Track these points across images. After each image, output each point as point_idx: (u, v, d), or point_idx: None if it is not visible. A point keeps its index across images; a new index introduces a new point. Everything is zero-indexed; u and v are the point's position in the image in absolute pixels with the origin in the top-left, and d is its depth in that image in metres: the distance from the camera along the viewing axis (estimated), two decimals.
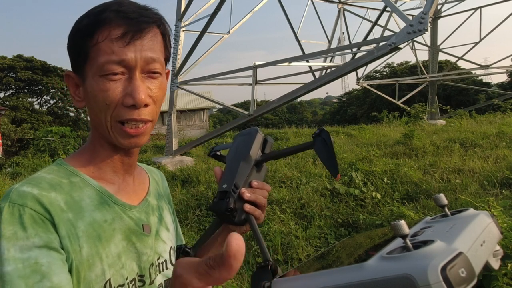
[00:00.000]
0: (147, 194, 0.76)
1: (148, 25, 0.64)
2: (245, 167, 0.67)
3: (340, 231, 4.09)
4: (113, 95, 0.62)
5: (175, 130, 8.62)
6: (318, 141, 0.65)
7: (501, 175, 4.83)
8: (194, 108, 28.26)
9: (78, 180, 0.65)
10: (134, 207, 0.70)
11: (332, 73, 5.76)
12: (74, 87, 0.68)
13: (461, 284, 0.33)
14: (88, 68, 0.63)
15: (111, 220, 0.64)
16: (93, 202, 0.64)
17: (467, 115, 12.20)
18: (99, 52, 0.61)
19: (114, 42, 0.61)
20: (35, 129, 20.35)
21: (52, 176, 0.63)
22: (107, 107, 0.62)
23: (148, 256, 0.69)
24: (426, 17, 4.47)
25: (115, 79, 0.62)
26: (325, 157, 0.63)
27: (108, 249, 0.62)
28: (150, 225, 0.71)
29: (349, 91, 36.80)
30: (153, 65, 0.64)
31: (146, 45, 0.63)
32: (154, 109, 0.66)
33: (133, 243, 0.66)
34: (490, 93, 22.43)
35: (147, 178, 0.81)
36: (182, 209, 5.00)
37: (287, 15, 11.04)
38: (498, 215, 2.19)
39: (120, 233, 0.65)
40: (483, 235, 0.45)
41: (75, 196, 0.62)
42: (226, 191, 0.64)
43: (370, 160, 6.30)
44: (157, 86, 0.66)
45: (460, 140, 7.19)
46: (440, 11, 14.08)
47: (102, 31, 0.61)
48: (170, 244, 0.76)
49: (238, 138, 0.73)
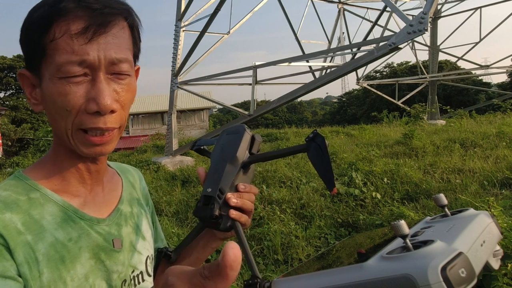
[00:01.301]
0: (119, 202, 0.69)
1: (113, 17, 0.55)
2: (231, 170, 0.63)
3: (340, 231, 4.09)
4: (74, 100, 0.54)
5: (175, 130, 8.62)
6: (312, 147, 0.60)
7: (501, 175, 4.82)
8: (194, 108, 28.26)
9: (38, 196, 0.57)
10: (103, 221, 0.63)
11: (332, 73, 5.76)
12: (29, 88, 0.59)
13: (461, 284, 0.33)
14: (45, 68, 0.55)
15: (76, 238, 0.58)
16: (56, 220, 0.57)
17: (467, 115, 12.20)
18: (57, 50, 0.53)
19: (74, 38, 0.53)
20: (35, 129, 20.36)
21: (8, 193, 0.56)
22: (68, 114, 0.55)
23: (120, 273, 0.63)
24: (426, 17, 4.47)
25: (76, 81, 0.54)
26: (320, 167, 0.60)
27: (74, 271, 0.56)
28: (122, 238, 0.65)
29: (349, 91, 36.83)
30: (119, 66, 0.56)
31: (111, 42, 0.55)
32: (121, 114, 0.59)
33: (102, 261, 0.60)
34: (490, 93, 22.44)
35: (120, 182, 0.73)
36: (182, 209, 4.99)
37: (287, 15, 11.04)
38: (498, 215, 2.18)
39: (87, 251, 0.58)
40: (483, 235, 0.46)
41: (34, 215, 0.55)
42: (210, 196, 0.60)
43: (370, 160, 6.30)
44: (125, 88, 0.58)
45: (460, 140, 7.19)
46: (440, 11, 14.08)
47: (60, 24, 0.53)
48: (147, 254, 0.71)
49: (225, 136, 0.68)
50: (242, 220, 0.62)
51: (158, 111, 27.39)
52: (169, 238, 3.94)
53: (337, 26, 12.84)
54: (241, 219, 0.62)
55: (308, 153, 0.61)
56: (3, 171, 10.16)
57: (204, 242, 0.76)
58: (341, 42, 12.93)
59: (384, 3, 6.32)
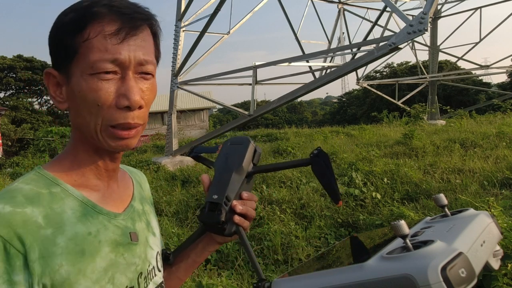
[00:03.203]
0: (132, 199, 0.72)
1: (142, 22, 0.60)
2: (237, 179, 0.66)
3: (340, 231, 4.09)
4: (106, 95, 0.58)
5: (175, 130, 8.62)
6: (317, 163, 0.63)
7: (501, 175, 4.82)
8: (194, 108, 28.26)
9: (59, 190, 0.60)
10: (119, 215, 0.65)
11: (332, 73, 5.76)
12: (55, 87, 0.62)
13: (461, 284, 0.33)
14: (76, 66, 0.58)
15: (95, 232, 0.60)
16: (76, 214, 0.59)
17: (467, 115, 12.20)
18: (91, 49, 0.57)
19: (108, 38, 0.57)
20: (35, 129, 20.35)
21: (30, 187, 0.58)
22: (98, 109, 0.58)
23: (137, 266, 0.65)
24: (426, 17, 4.47)
25: (108, 78, 0.58)
26: (325, 182, 0.63)
27: (94, 264, 0.58)
28: (137, 233, 0.67)
29: (349, 91, 36.83)
30: (146, 67, 0.61)
31: (140, 44, 0.60)
32: (146, 112, 0.63)
33: (121, 254, 0.62)
34: (490, 93, 22.44)
35: (131, 181, 0.77)
36: (182, 209, 4.99)
37: (287, 15, 11.05)
38: (498, 215, 2.17)
39: (107, 245, 0.61)
40: (483, 235, 0.45)
41: (55, 208, 0.57)
42: (217, 202, 0.63)
43: (370, 160, 6.30)
44: (149, 88, 0.62)
45: (460, 140, 7.19)
46: (440, 11, 14.08)
47: (94, 26, 0.57)
48: (157, 249, 0.74)
49: (229, 146, 0.71)
50: (244, 226, 0.67)
51: (158, 111, 27.38)
52: (169, 238, 3.94)
53: (337, 26, 12.85)
54: (243, 225, 0.66)
55: (312, 167, 0.64)
56: (3, 171, 10.15)
57: (203, 245, 0.79)
58: (341, 42, 12.93)
59: (384, 3, 6.32)
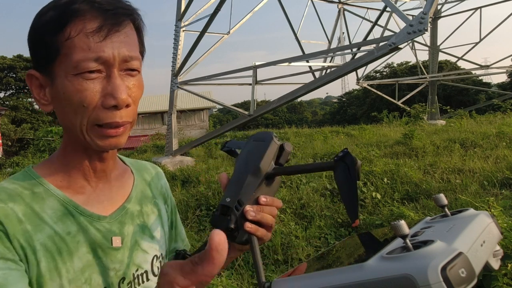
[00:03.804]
0: (127, 201, 0.69)
1: (125, 18, 0.59)
2: (252, 181, 0.59)
3: (340, 231, 4.09)
4: (91, 95, 0.56)
5: (175, 130, 8.62)
6: (340, 167, 0.55)
7: (501, 175, 4.83)
8: (194, 108, 28.26)
9: (41, 190, 0.60)
10: (104, 218, 0.64)
11: (332, 73, 5.76)
12: (38, 89, 0.61)
13: (461, 284, 0.33)
14: (59, 67, 0.56)
15: (75, 232, 0.60)
16: (56, 214, 0.59)
17: (467, 115, 12.20)
18: (73, 48, 0.55)
19: (90, 36, 0.55)
20: (35, 129, 20.38)
21: (14, 186, 0.59)
22: (84, 110, 0.57)
23: (117, 271, 0.63)
24: (426, 17, 4.47)
25: (92, 77, 0.56)
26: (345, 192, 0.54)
27: (70, 263, 0.58)
28: (123, 237, 0.65)
29: (349, 91, 36.85)
30: (131, 63, 0.59)
31: (124, 40, 0.58)
32: (134, 109, 0.61)
33: (99, 257, 0.61)
34: (490, 93, 22.44)
35: (131, 180, 0.73)
36: (182, 209, 5.00)
37: (287, 15, 11.05)
38: (498, 215, 2.18)
39: (85, 246, 0.60)
40: (483, 235, 0.45)
41: (35, 208, 0.58)
42: (228, 206, 0.57)
43: (370, 160, 6.30)
44: (136, 84, 0.61)
45: (460, 140, 7.19)
46: (440, 11, 14.08)
47: (76, 23, 0.55)
48: (154, 253, 0.70)
49: (251, 142, 0.65)
50: (258, 234, 0.58)
51: (158, 111, 27.40)
52: None
53: (337, 26, 12.85)
54: (257, 233, 0.57)
55: (335, 172, 0.56)
56: (3, 171, 10.16)
57: None
58: (341, 42, 12.93)
59: (384, 3, 6.32)
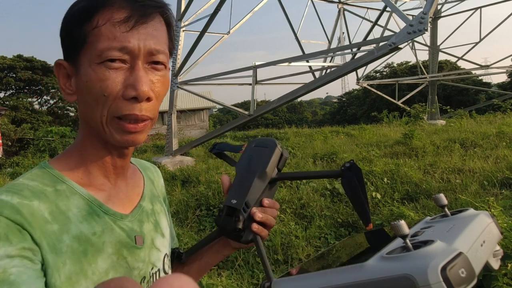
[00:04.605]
0: (141, 199, 0.69)
1: (153, 10, 0.58)
2: (259, 185, 0.62)
3: (340, 231, 4.09)
4: (113, 85, 0.55)
5: (175, 130, 8.62)
6: (347, 176, 0.58)
7: (501, 175, 4.82)
8: (194, 108, 28.26)
9: (65, 188, 0.58)
10: (126, 216, 0.63)
11: (332, 73, 5.76)
12: (64, 78, 0.60)
13: (461, 284, 0.33)
14: (84, 56, 0.56)
15: (100, 233, 0.58)
16: (81, 213, 0.58)
17: (467, 115, 12.20)
18: (99, 36, 0.55)
19: (116, 26, 0.55)
20: (35, 129, 20.35)
21: (35, 183, 0.56)
22: (105, 99, 0.56)
23: (140, 270, 0.63)
24: (426, 17, 4.47)
25: (115, 67, 0.55)
26: (355, 199, 0.57)
27: (95, 264, 0.56)
28: (143, 235, 0.65)
29: (349, 91, 36.84)
30: (157, 57, 0.58)
31: (151, 33, 0.57)
32: (155, 105, 0.59)
33: (124, 257, 0.60)
34: (490, 93, 22.43)
35: (142, 178, 0.74)
36: (182, 209, 5.00)
37: (287, 15, 11.05)
38: (498, 215, 2.17)
39: (110, 246, 0.59)
40: (483, 235, 0.46)
41: (61, 206, 0.56)
42: (235, 208, 0.59)
43: (370, 160, 6.30)
44: (160, 80, 0.59)
45: (460, 140, 7.19)
46: (440, 11, 14.08)
47: (103, 13, 0.55)
48: (165, 251, 0.71)
49: (253, 148, 0.67)
50: (262, 234, 0.63)
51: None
52: None
53: (337, 26, 12.85)
54: (262, 233, 0.63)
55: (342, 180, 0.59)
56: (3, 171, 10.15)
57: (217, 248, 0.76)
58: (341, 42, 12.93)
59: (384, 3, 6.32)
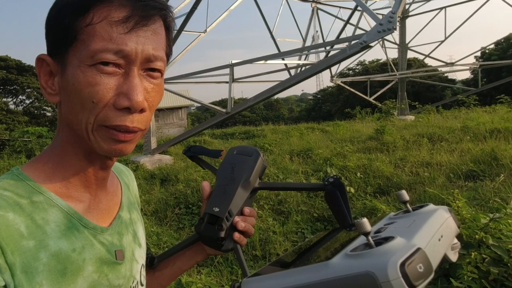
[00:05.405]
0: (120, 208, 0.64)
1: (155, 12, 0.52)
2: (242, 194, 0.61)
3: (316, 226, 4.20)
4: (104, 91, 0.49)
5: (154, 128, 8.46)
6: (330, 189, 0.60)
7: (465, 167, 5.06)
8: (172, 107, 27.75)
9: (42, 199, 0.51)
10: (106, 230, 0.58)
11: (307, 71, 5.86)
12: (46, 76, 0.53)
13: (419, 279, 0.34)
14: (73, 54, 0.50)
15: (80, 249, 0.52)
16: (60, 227, 0.51)
17: (434, 110, 12.63)
18: (93, 35, 0.48)
19: (114, 26, 0.48)
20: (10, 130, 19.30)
21: (9, 194, 0.49)
22: (93, 106, 0.49)
23: (121, 287, 0.58)
24: (394, 16, 4.63)
25: (108, 71, 0.49)
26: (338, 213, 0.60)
27: (74, 284, 0.50)
28: (123, 249, 0.60)
29: (323, 88, 37.46)
30: (155, 63, 0.52)
31: (150, 37, 0.51)
32: (148, 116, 0.54)
33: (105, 274, 0.55)
34: (455, 89, 23.48)
35: (119, 185, 0.68)
36: (161, 208, 4.95)
37: (263, 14, 11.08)
38: (462, 207, 2.24)
39: (91, 263, 0.53)
40: (441, 230, 0.47)
41: (38, 220, 0.49)
42: (218, 216, 0.58)
43: (344, 155, 6.46)
44: (155, 89, 0.54)
45: (428, 135, 7.45)
46: (408, 10, 14.56)
47: (100, 9, 0.49)
48: (142, 262, 0.66)
49: (235, 155, 0.66)
50: (243, 243, 0.63)
51: None
52: (149, 237, 3.91)
53: (311, 25, 13.03)
54: (242, 242, 0.63)
55: (325, 193, 0.61)
56: None
57: (191, 254, 0.75)
58: (315, 41, 13.13)
59: (355, 3, 6.48)
